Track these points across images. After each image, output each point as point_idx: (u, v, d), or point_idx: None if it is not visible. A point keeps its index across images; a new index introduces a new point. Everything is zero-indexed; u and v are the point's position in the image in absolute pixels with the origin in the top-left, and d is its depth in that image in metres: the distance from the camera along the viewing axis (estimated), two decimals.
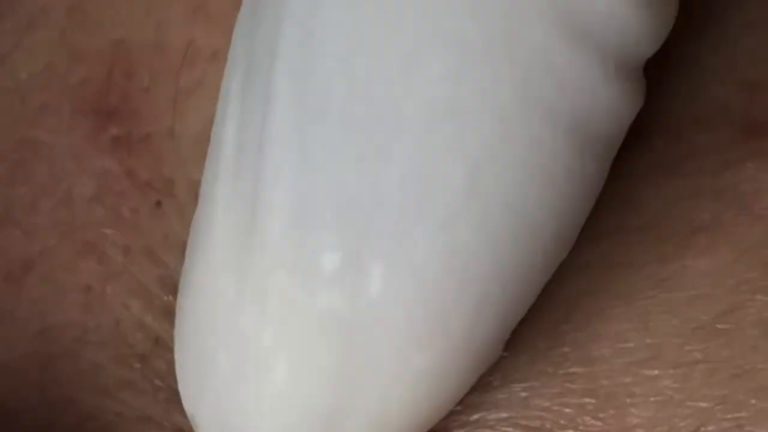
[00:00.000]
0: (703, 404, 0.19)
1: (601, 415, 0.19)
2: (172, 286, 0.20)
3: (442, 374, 0.17)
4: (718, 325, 0.19)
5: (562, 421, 0.19)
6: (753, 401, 0.19)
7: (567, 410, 0.19)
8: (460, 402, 0.19)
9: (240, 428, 0.18)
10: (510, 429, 0.19)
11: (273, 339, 0.17)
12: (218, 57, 0.21)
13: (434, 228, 0.16)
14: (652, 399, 0.19)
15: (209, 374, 0.18)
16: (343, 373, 0.17)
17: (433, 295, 0.16)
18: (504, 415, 0.19)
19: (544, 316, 0.20)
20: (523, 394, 0.19)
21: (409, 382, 0.17)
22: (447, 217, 0.16)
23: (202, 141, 0.20)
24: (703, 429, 0.19)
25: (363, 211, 0.16)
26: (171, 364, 0.20)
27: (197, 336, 0.18)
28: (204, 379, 0.18)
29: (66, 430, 0.20)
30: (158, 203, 0.21)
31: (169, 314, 0.20)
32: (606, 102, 0.17)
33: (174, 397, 0.20)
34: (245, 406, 0.18)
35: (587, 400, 0.19)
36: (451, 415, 0.19)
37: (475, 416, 0.19)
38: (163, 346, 0.20)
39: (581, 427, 0.19)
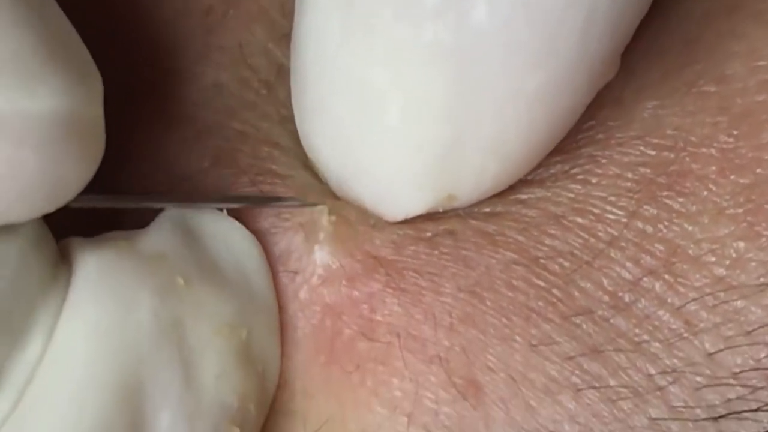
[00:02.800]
0: None
1: (735, 133, 0.18)
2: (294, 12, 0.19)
3: (556, 93, 0.17)
4: None
5: (693, 139, 0.19)
6: None
7: (700, 129, 0.19)
8: (592, 117, 0.19)
9: (360, 169, 0.18)
10: (642, 147, 0.19)
11: (383, 79, 0.17)
12: None
13: None
14: None
15: (325, 119, 0.18)
16: (456, 104, 0.17)
17: (539, 14, 0.16)
18: (634, 132, 0.19)
19: (677, 35, 0.19)
20: (656, 111, 0.19)
21: (523, 105, 0.17)
22: None
23: None
24: None
25: None
26: None
27: (310, 82, 0.18)
28: (320, 124, 0.18)
29: (181, 143, 0.20)
30: None
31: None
32: None
33: None
34: (363, 147, 0.18)
35: (721, 118, 0.19)
36: (580, 132, 0.19)
37: (604, 134, 0.19)
38: (286, 76, 0.20)
39: (715, 145, 0.18)
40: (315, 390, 0.18)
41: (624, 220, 0.18)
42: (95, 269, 0.17)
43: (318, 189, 0.19)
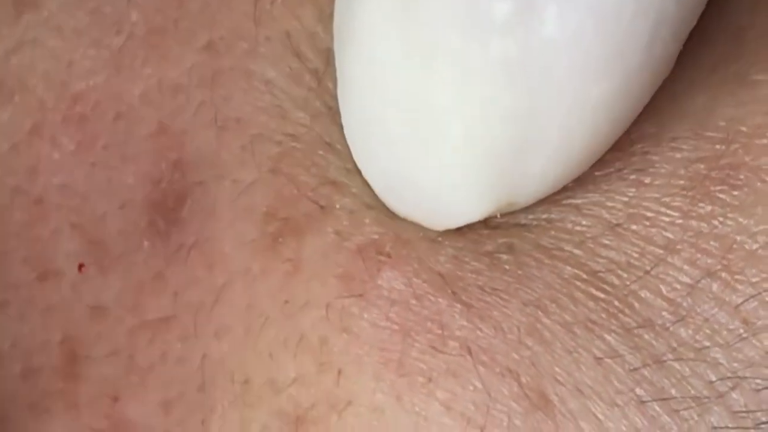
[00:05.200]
0: None
1: None
2: None
3: (620, 99, 0.17)
4: None
5: (745, 129, 0.19)
6: None
7: (752, 119, 0.19)
8: (643, 111, 0.19)
9: (416, 182, 0.19)
10: (693, 140, 0.19)
11: (446, 97, 0.17)
12: None
13: None
14: None
15: (379, 136, 0.18)
16: (521, 116, 0.17)
17: (609, 24, 0.16)
18: (687, 125, 0.19)
19: (728, 23, 0.19)
20: (708, 103, 0.19)
21: (589, 112, 0.17)
22: None
23: None
24: None
25: None
26: None
27: (363, 96, 0.18)
28: (374, 140, 0.19)
29: (232, 157, 0.20)
30: None
31: None
32: None
33: None
34: (420, 163, 0.18)
35: None
36: (634, 125, 0.19)
37: (656, 128, 0.19)
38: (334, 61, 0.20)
39: (767, 134, 0.19)
40: (385, 406, 0.19)
41: (679, 221, 0.19)
42: None
43: (374, 199, 0.20)
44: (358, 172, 0.20)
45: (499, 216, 0.19)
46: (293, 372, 0.19)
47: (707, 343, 0.18)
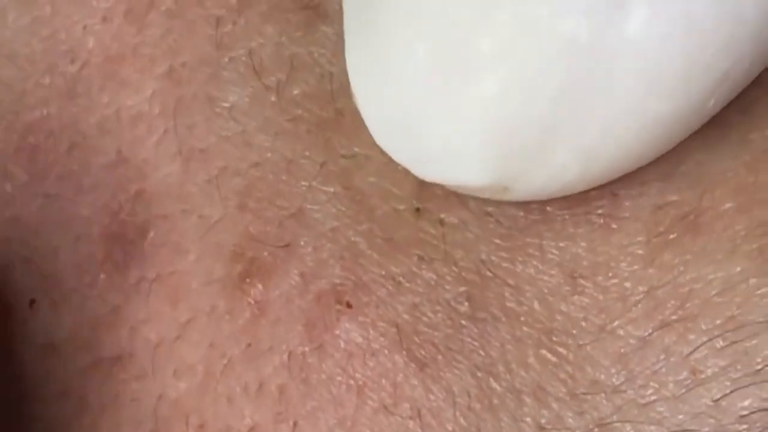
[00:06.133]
0: None
1: (755, 167, 0.18)
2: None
3: (670, 125, 0.16)
4: None
5: (711, 173, 0.18)
6: None
7: (720, 163, 0.18)
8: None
9: (419, 129, 0.17)
10: (661, 182, 0.18)
11: (494, 47, 0.16)
12: None
13: None
14: None
15: (398, 68, 0.17)
16: (568, 101, 0.16)
17: (697, 42, 0.15)
18: (656, 165, 0.18)
19: None
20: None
21: (634, 126, 0.16)
22: None
23: None
24: None
25: None
26: (309, 85, 0.20)
27: (389, 17, 0.17)
28: (390, 71, 0.17)
29: (198, 190, 0.20)
30: None
31: (308, 26, 0.19)
32: None
33: (317, 126, 0.20)
34: (439, 110, 0.17)
35: (741, 150, 0.18)
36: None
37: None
38: (300, 68, 0.20)
39: (734, 179, 0.18)
40: None
41: (639, 271, 0.18)
42: None
43: (337, 219, 0.19)
44: (319, 189, 0.19)
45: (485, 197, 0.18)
46: (250, 420, 0.19)
47: (653, 398, 0.18)
